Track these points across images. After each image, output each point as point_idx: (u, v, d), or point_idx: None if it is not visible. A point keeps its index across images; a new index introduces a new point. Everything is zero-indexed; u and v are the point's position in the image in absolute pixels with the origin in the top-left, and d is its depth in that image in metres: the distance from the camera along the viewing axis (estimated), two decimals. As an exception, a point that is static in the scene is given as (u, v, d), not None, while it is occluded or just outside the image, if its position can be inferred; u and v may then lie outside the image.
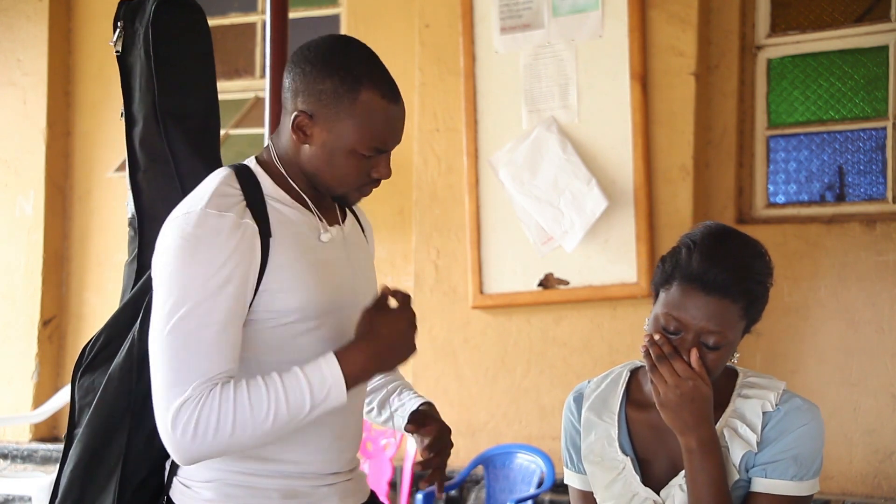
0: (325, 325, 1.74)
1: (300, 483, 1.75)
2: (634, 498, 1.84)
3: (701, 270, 1.72)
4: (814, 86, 4.41)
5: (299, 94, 1.72)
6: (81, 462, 1.75)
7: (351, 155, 1.72)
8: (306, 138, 1.73)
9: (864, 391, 4.10)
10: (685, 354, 1.73)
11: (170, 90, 1.92)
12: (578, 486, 1.96)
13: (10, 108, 5.74)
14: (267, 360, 1.70)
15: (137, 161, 1.94)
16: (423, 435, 1.85)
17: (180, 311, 1.61)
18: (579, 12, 4.38)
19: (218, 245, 1.63)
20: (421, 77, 4.75)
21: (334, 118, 1.70)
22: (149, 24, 1.92)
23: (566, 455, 1.98)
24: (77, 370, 1.84)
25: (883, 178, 4.28)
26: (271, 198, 1.73)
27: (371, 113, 1.71)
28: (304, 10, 5.33)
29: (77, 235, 5.74)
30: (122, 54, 1.98)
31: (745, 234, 1.83)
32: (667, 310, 1.74)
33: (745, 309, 1.73)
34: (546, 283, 4.41)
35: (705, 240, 1.76)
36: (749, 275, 1.74)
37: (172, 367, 1.60)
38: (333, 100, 1.70)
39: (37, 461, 5.44)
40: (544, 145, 4.39)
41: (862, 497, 4.07)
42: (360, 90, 1.70)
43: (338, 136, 1.71)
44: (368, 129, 1.71)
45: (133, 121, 1.95)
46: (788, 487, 1.75)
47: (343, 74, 1.70)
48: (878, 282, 4.12)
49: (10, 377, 5.60)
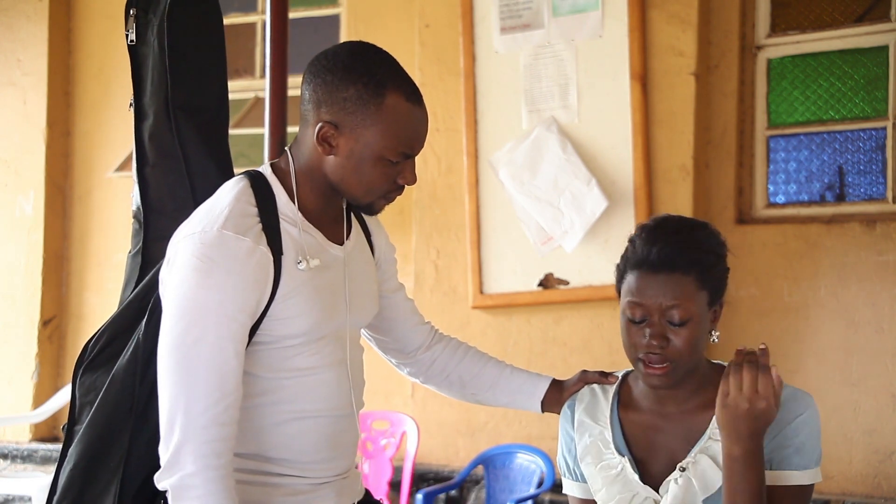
0: (322, 344, 1.76)
1: (299, 482, 1.76)
2: (635, 498, 1.83)
3: (645, 253, 1.76)
4: (814, 86, 4.41)
5: (322, 105, 1.69)
6: (82, 461, 1.75)
7: (378, 162, 1.71)
8: (331, 149, 1.70)
9: (864, 391, 4.10)
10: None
11: (183, 84, 1.90)
12: (579, 494, 1.95)
13: (10, 108, 5.74)
14: (263, 377, 1.72)
15: (146, 154, 1.92)
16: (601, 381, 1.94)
17: (193, 333, 1.61)
18: (579, 12, 4.38)
19: (235, 270, 1.62)
20: (421, 77, 4.75)
21: (361, 125, 1.68)
22: (164, 16, 1.89)
23: (563, 464, 1.98)
24: (78, 367, 1.83)
25: (883, 178, 4.28)
26: (284, 217, 1.71)
27: (398, 117, 1.70)
28: (304, 10, 5.32)
29: (77, 235, 5.74)
30: (134, 44, 1.94)
31: (688, 217, 1.88)
32: (626, 299, 1.77)
33: (699, 279, 1.75)
34: (546, 283, 4.41)
35: (646, 227, 1.81)
36: (692, 244, 1.77)
37: (184, 393, 1.61)
38: (359, 107, 1.68)
39: (37, 461, 5.44)
40: (544, 145, 4.39)
41: (862, 497, 4.06)
42: (385, 94, 1.69)
43: (365, 143, 1.69)
44: (395, 134, 1.70)
45: (143, 114, 1.93)
46: (795, 477, 1.75)
47: (367, 80, 1.68)
48: (878, 282, 4.12)
49: (10, 377, 5.60)
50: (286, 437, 1.74)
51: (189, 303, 1.62)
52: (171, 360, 1.62)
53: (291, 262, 1.69)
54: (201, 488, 1.59)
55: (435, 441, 4.60)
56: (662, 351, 1.75)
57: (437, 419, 4.59)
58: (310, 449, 1.76)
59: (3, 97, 5.75)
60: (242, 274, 1.63)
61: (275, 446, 1.73)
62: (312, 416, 1.75)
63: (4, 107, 5.75)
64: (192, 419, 1.60)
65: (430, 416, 4.59)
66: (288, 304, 1.68)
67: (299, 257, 1.70)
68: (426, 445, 4.57)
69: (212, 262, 1.62)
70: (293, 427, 1.74)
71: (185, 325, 1.62)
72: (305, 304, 1.70)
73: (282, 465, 1.74)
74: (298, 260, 1.70)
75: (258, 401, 1.73)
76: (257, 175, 1.75)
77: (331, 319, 1.76)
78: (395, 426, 4.47)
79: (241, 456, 1.71)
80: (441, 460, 4.62)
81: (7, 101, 5.74)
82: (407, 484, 4.30)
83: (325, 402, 1.76)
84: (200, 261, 1.62)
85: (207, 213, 1.68)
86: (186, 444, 1.60)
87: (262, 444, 1.73)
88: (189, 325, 1.61)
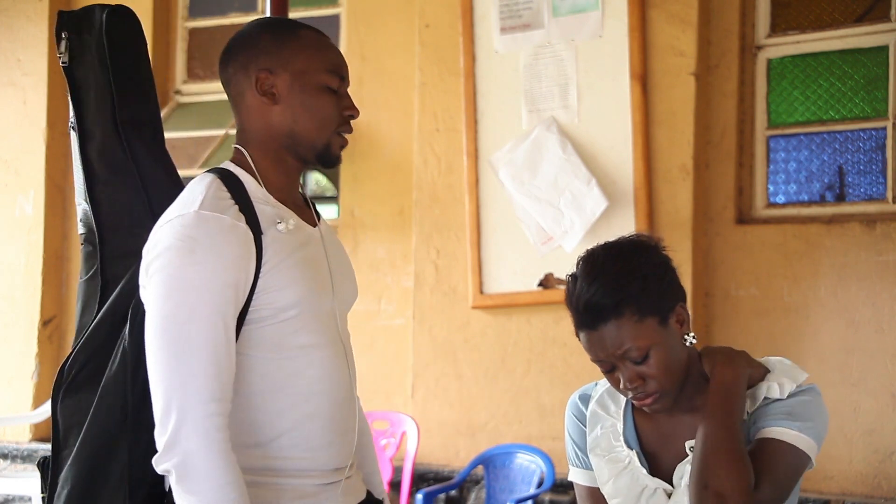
0: (316, 320, 1.76)
1: (306, 482, 1.75)
2: (644, 491, 1.83)
3: (578, 314, 1.76)
4: (814, 86, 4.41)
5: (249, 65, 1.78)
6: (81, 482, 1.71)
7: (320, 91, 1.78)
8: (273, 97, 1.77)
9: (864, 391, 4.10)
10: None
11: (127, 99, 1.90)
12: (584, 482, 1.96)
13: (10, 108, 5.73)
14: (263, 357, 1.72)
15: (96, 174, 1.90)
16: None
17: (183, 312, 1.61)
18: (579, 12, 4.38)
19: (217, 247, 1.63)
20: (421, 77, 4.75)
21: (288, 59, 1.78)
22: (102, 34, 1.89)
23: (570, 452, 1.99)
24: (57, 392, 1.79)
25: (883, 178, 4.28)
26: (256, 198, 1.74)
27: (315, 43, 1.81)
28: (304, 10, 5.32)
29: (77, 235, 5.72)
30: (69, 66, 1.93)
31: (610, 242, 1.83)
32: (590, 358, 1.79)
33: (636, 311, 1.73)
34: (546, 283, 4.41)
35: (573, 283, 1.79)
36: (614, 287, 1.74)
37: (179, 371, 1.60)
38: (278, 46, 1.78)
39: (37, 461, 5.43)
40: (544, 145, 4.39)
41: (862, 497, 4.06)
42: (296, 30, 1.82)
43: (300, 73, 1.77)
44: (321, 57, 1.80)
45: (88, 134, 1.92)
46: (779, 432, 1.73)
47: (274, 26, 1.83)
48: (878, 282, 4.12)
49: (10, 377, 5.60)
50: (291, 423, 1.73)
51: (175, 282, 1.62)
52: (162, 341, 1.61)
53: (271, 238, 1.71)
54: (206, 463, 1.59)
55: (435, 441, 4.61)
56: (642, 388, 1.76)
57: (437, 419, 4.60)
58: (315, 434, 1.75)
59: (3, 97, 5.75)
60: (225, 249, 1.63)
61: (280, 434, 1.72)
62: (316, 395, 1.75)
63: (4, 107, 5.75)
64: (189, 396, 1.59)
65: (430, 416, 4.59)
66: (275, 274, 1.69)
67: (278, 219, 1.73)
68: (426, 445, 4.57)
69: (193, 240, 1.63)
70: (297, 411, 1.73)
71: (173, 304, 1.61)
72: (292, 272, 1.71)
73: (288, 454, 1.73)
74: (278, 221, 1.73)
75: (260, 386, 1.72)
76: (221, 169, 1.78)
77: (320, 291, 1.76)
78: (395, 426, 4.47)
79: (246, 447, 1.70)
80: (441, 460, 4.62)
81: (7, 101, 5.74)
82: (407, 484, 4.30)
83: (326, 382, 1.76)
84: (182, 241, 1.63)
85: (182, 202, 1.69)
86: (186, 421, 1.59)
87: (267, 432, 1.72)
88: (178, 304, 1.61)
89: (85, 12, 1.92)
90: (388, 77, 5.03)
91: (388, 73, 5.03)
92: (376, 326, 4.94)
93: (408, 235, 4.85)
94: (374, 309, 4.98)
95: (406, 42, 4.92)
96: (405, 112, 4.91)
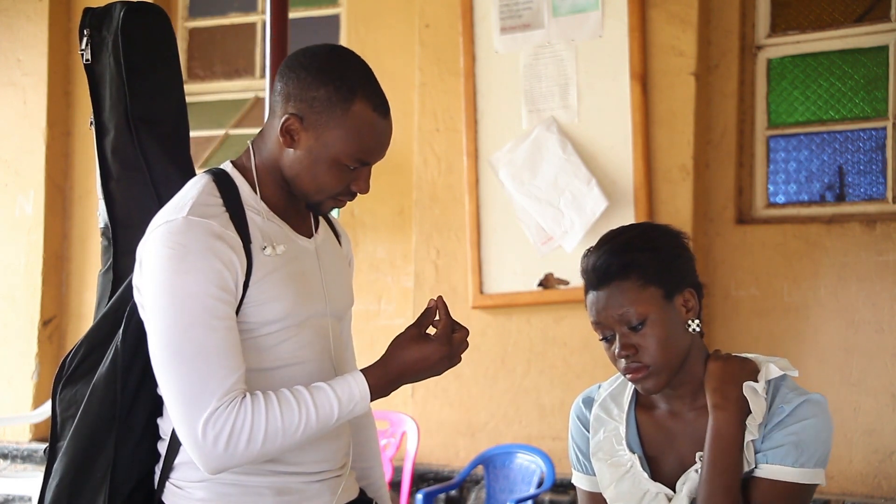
0: (302, 333, 1.76)
1: (292, 479, 1.76)
2: (646, 495, 1.83)
3: (588, 273, 1.80)
4: (814, 86, 4.41)
5: (291, 99, 1.72)
6: (68, 475, 1.74)
7: (334, 165, 1.73)
8: (293, 143, 1.73)
9: (864, 391, 4.10)
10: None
11: (141, 97, 1.91)
12: (586, 487, 1.96)
13: (10, 108, 5.73)
14: (248, 366, 1.71)
15: (109, 170, 1.92)
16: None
17: (183, 320, 1.61)
18: (579, 12, 4.38)
19: (207, 252, 1.63)
20: (421, 77, 4.75)
21: (325, 126, 1.71)
22: (118, 32, 1.90)
23: (573, 456, 1.99)
24: (57, 383, 1.82)
25: (883, 178, 4.28)
26: (249, 206, 1.74)
27: (361, 125, 1.72)
28: (304, 10, 5.32)
29: (77, 235, 5.74)
30: (90, 62, 1.95)
31: (634, 224, 1.92)
32: (591, 320, 1.81)
33: (641, 277, 1.76)
34: (546, 283, 4.41)
35: (588, 251, 1.84)
36: (622, 249, 1.78)
37: (190, 378, 1.61)
38: (326, 108, 1.70)
39: (37, 461, 5.43)
40: (544, 145, 4.39)
41: (862, 497, 4.07)
42: (353, 101, 1.71)
43: (324, 144, 1.71)
44: (356, 141, 1.72)
45: (104, 130, 1.94)
46: (789, 474, 1.74)
47: (339, 84, 1.71)
48: (878, 282, 4.12)
49: (10, 377, 5.60)
50: None
51: (170, 290, 1.62)
52: (168, 352, 1.62)
53: (259, 249, 1.71)
54: (248, 421, 1.61)
55: (435, 441, 4.61)
56: (634, 357, 1.76)
57: (437, 419, 4.60)
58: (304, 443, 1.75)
59: (3, 97, 5.75)
60: (215, 254, 1.63)
61: None
62: None
63: (4, 107, 5.75)
64: (208, 394, 1.60)
65: (430, 416, 4.59)
66: (262, 287, 1.69)
67: (265, 243, 1.72)
68: (426, 445, 4.57)
69: (183, 247, 1.63)
70: None
71: (172, 313, 1.62)
72: (279, 287, 1.71)
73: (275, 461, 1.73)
74: (263, 246, 1.71)
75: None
76: (219, 171, 1.78)
77: (308, 303, 1.76)
78: (395, 426, 4.47)
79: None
80: (441, 460, 4.62)
81: (7, 101, 5.74)
82: (407, 484, 4.30)
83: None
84: (172, 248, 1.63)
85: (171, 207, 1.69)
86: (210, 412, 1.60)
87: None
88: (177, 313, 1.61)
89: (106, 10, 1.94)
90: (388, 77, 5.00)
91: (388, 72, 5.02)
92: (376, 326, 4.94)
93: (408, 235, 4.85)
94: (374, 309, 4.98)
95: (406, 42, 4.92)
96: (405, 112, 4.90)
